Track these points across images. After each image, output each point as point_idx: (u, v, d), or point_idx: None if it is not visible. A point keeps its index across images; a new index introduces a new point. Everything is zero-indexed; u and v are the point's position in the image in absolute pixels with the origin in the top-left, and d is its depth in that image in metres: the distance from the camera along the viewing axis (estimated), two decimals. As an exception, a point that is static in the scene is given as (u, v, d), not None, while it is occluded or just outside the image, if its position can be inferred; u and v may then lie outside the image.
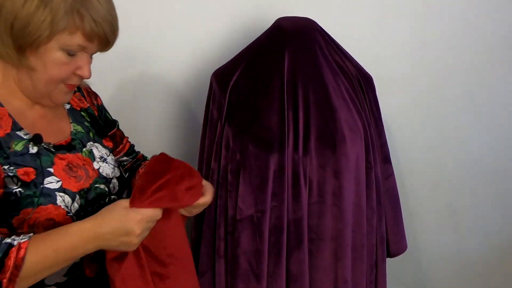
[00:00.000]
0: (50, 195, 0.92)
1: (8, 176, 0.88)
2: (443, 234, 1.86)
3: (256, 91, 1.23)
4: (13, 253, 0.83)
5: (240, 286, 1.19)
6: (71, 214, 0.93)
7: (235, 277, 1.20)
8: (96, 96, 1.16)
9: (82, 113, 1.10)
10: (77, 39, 0.91)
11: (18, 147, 0.92)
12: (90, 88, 1.15)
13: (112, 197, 1.04)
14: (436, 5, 1.61)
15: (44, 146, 0.96)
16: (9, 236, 0.86)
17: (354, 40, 1.47)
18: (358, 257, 1.25)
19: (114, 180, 1.06)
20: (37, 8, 0.87)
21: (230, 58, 1.34)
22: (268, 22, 1.32)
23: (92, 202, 0.98)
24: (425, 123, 1.73)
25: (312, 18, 1.29)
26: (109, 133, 1.17)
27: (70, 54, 0.92)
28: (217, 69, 1.33)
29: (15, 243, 0.84)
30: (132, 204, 0.91)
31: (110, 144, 1.15)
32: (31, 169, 0.91)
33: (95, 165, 1.02)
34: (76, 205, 0.95)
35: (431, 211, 1.83)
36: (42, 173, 0.92)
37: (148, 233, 0.95)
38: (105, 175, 1.03)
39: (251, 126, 1.21)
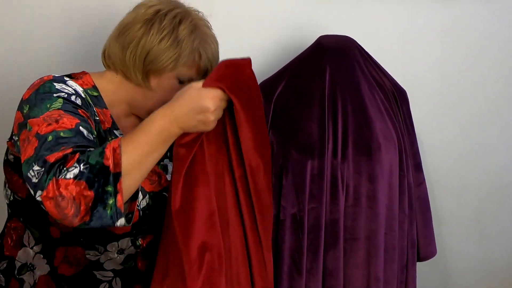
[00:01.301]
0: None
1: None
2: (469, 242, 1.92)
3: (299, 102, 1.35)
4: (109, 144, 0.89)
5: (284, 280, 1.29)
6: (139, 208, 1.06)
7: (280, 272, 1.30)
8: None
9: None
10: (192, 73, 1.13)
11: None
12: None
13: None
14: (464, 20, 1.70)
15: None
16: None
17: (389, 56, 1.58)
18: (389, 258, 1.34)
19: None
20: (170, 46, 1.08)
21: (275, 72, 1.46)
22: (309, 40, 1.44)
23: (157, 205, 1.10)
24: (452, 135, 1.80)
25: (351, 36, 1.41)
26: None
27: (181, 82, 1.12)
28: (262, 82, 1.45)
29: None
30: (204, 85, 0.96)
31: None
32: None
33: (168, 177, 1.16)
34: (144, 202, 1.08)
35: (458, 220, 1.89)
36: None
37: (222, 113, 0.98)
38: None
39: (293, 134, 1.33)
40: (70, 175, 0.84)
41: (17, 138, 1.01)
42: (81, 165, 0.85)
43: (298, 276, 1.29)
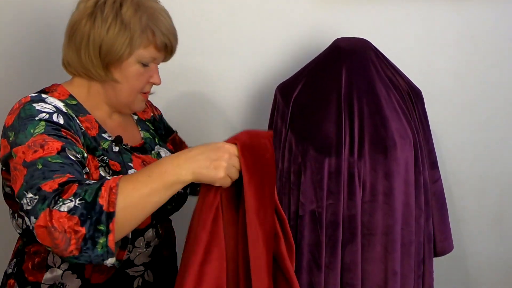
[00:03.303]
0: None
1: (102, 165, 1.05)
2: (489, 241, 1.93)
3: (316, 103, 1.40)
4: (108, 181, 0.87)
5: (303, 275, 1.34)
6: None
7: (299, 267, 1.34)
8: (156, 108, 1.37)
9: (147, 122, 1.29)
10: (150, 52, 1.09)
11: (105, 145, 1.09)
12: (150, 102, 1.34)
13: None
14: (481, 22, 1.73)
15: (124, 146, 1.13)
16: None
17: (404, 57, 1.62)
18: (406, 253, 1.37)
19: None
20: (119, 32, 1.05)
21: (293, 74, 1.52)
22: (326, 42, 1.49)
23: None
24: (470, 135, 1.82)
25: (366, 38, 1.46)
26: (169, 138, 1.35)
27: (144, 65, 1.10)
28: (281, 83, 1.50)
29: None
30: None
31: (172, 148, 1.32)
32: (116, 163, 1.08)
33: None
34: None
35: (477, 219, 1.90)
36: (125, 167, 1.10)
37: (235, 173, 0.93)
38: None
39: (311, 133, 1.37)
40: (64, 207, 0.83)
41: (4, 168, 1.02)
42: (77, 199, 0.84)
43: (317, 271, 1.34)
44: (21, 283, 1.09)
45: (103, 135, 1.11)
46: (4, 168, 1.05)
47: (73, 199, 0.84)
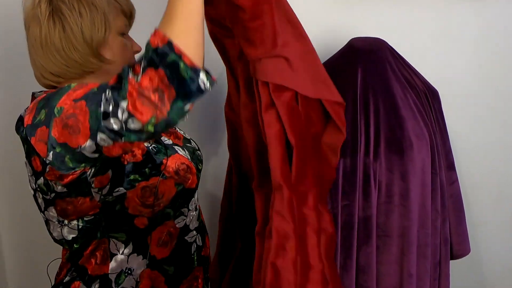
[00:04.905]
0: (172, 147, 1.14)
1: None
2: (506, 245, 1.90)
3: (331, 103, 1.39)
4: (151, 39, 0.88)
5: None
6: (189, 159, 1.14)
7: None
8: None
9: None
10: (122, 20, 1.12)
11: None
12: None
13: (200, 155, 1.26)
14: (500, 21, 1.70)
15: None
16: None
17: (420, 57, 1.60)
18: (422, 255, 1.36)
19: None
20: (91, 11, 1.06)
21: (308, 74, 1.51)
22: (341, 42, 1.48)
23: (191, 155, 1.19)
24: (488, 137, 1.80)
25: (382, 38, 1.44)
26: None
27: (124, 34, 1.13)
28: (296, 83, 1.50)
29: None
30: None
31: None
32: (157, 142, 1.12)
33: (187, 135, 1.27)
34: (186, 153, 1.16)
35: (495, 222, 1.87)
36: (165, 146, 1.14)
37: None
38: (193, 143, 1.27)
39: (326, 133, 1.37)
40: (138, 76, 0.84)
41: (55, 145, 0.96)
42: (141, 63, 0.85)
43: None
44: (86, 281, 1.10)
45: None
46: (52, 160, 0.97)
47: (140, 65, 0.85)
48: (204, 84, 0.85)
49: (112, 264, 1.10)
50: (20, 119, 1.07)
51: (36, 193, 1.09)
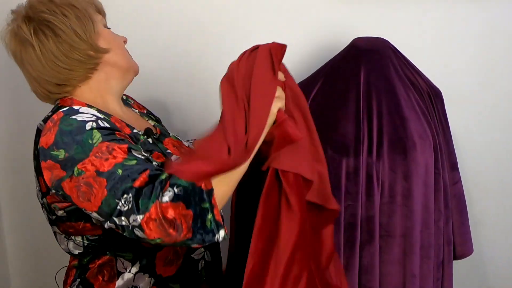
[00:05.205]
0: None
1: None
2: (509, 246, 1.90)
3: (334, 102, 1.39)
4: None
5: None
6: None
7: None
8: (143, 106, 1.39)
9: (145, 114, 1.33)
10: (99, 16, 1.16)
11: (141, 139, 1.12)
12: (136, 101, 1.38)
13: None
14: (501, 21, 1.70)
15: (154, 136, 1.17)
16: None
17: (423, 57, 1.60)
18: (425, 255, 1.35)
19: None
20: (74, 12, 1.08)
21: (311, 73, 1.51)
22: (344, 42, 1.48)
23: None
24: (491, 137, 1.79)
25: (384, 38, 1.44)
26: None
27: (107, 27, 1.17)
28: (299, 83, 1.49)
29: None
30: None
31: None
32: (157, 153, 1.11)
33: (186, 143, 1.27)
34: None
35: (497, 222, 1.87)
36: (166, 155, 1.12)
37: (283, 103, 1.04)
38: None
39: (329, 134, 1.36)
40: (166, 198, 0.88)
41: (59, 189, 0.98)
42: (175, 188, 0.88)
43: (335, 272, 1.33)
44: None
45: (134, 131, 1.13)
46: (54, 192, 1.02)
47: (171, 189, 0.88)
48: (218, 238, 0.91)
49: (119, 282, 1.10)
50: (38, 133, 1.07)
51: (42, 208, 1.12)
